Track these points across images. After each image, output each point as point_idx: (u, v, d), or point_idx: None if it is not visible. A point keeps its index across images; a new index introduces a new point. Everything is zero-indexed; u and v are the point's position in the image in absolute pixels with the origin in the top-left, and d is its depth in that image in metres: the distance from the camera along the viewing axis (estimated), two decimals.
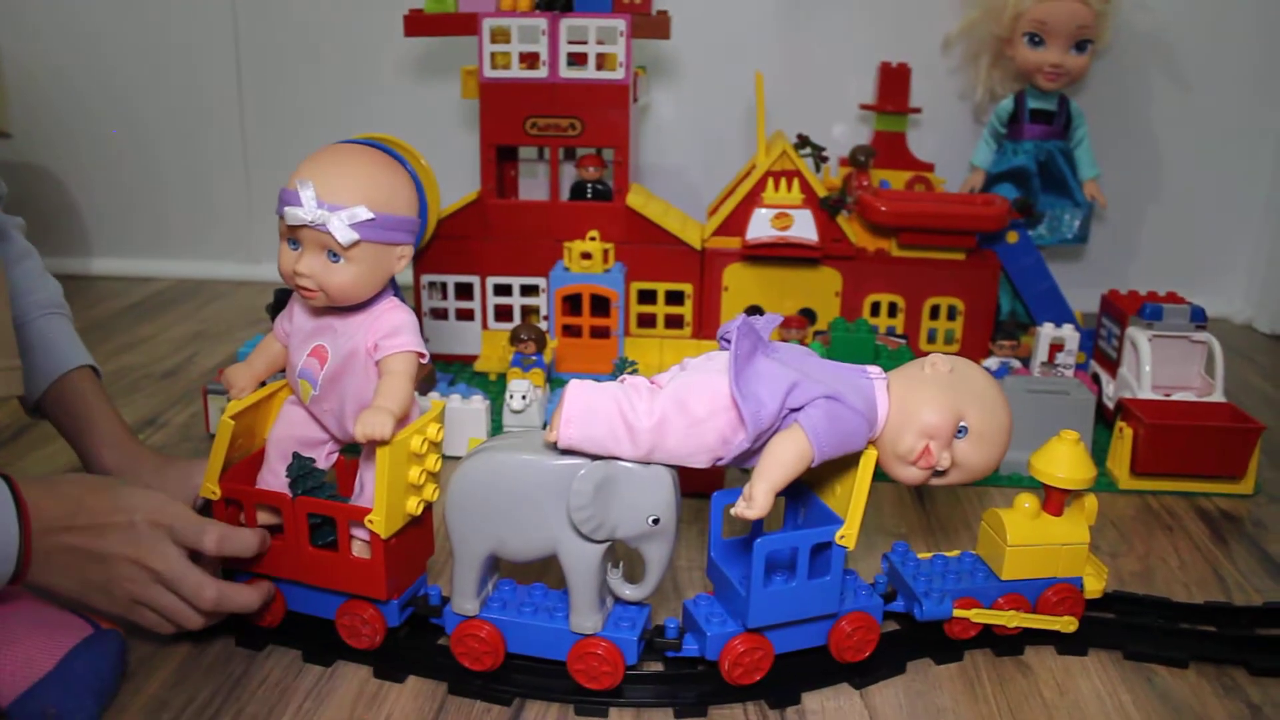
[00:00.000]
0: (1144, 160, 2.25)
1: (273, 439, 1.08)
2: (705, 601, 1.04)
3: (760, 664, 1.01)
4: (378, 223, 0.96)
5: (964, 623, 1.08)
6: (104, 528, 0.95)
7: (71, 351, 1.23)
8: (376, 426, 0.92)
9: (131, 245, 2.45)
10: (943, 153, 2.15)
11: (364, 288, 0.99)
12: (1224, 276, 2.32)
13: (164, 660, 1.05)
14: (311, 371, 1.02)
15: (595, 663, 0.99)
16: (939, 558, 1.13)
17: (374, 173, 0.99)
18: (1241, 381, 1.91)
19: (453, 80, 1.92)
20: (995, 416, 0.98)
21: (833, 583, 0.99)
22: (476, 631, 1.01)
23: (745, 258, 1.79)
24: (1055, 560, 1.08)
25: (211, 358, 1.91)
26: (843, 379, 0.96)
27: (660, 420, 0.93)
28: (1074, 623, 1.09)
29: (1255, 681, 1.06)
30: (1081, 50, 1.95)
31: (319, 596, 1.06)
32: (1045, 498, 1.09)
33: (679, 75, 2.24)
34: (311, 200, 0.94)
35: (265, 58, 2.31)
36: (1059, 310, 1.88)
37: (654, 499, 0.95)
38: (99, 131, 2.37)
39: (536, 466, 0.95)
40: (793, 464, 0.92)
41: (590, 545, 0.96)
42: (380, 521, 0.97)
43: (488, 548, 0.98)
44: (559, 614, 1.01)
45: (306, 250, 0.97)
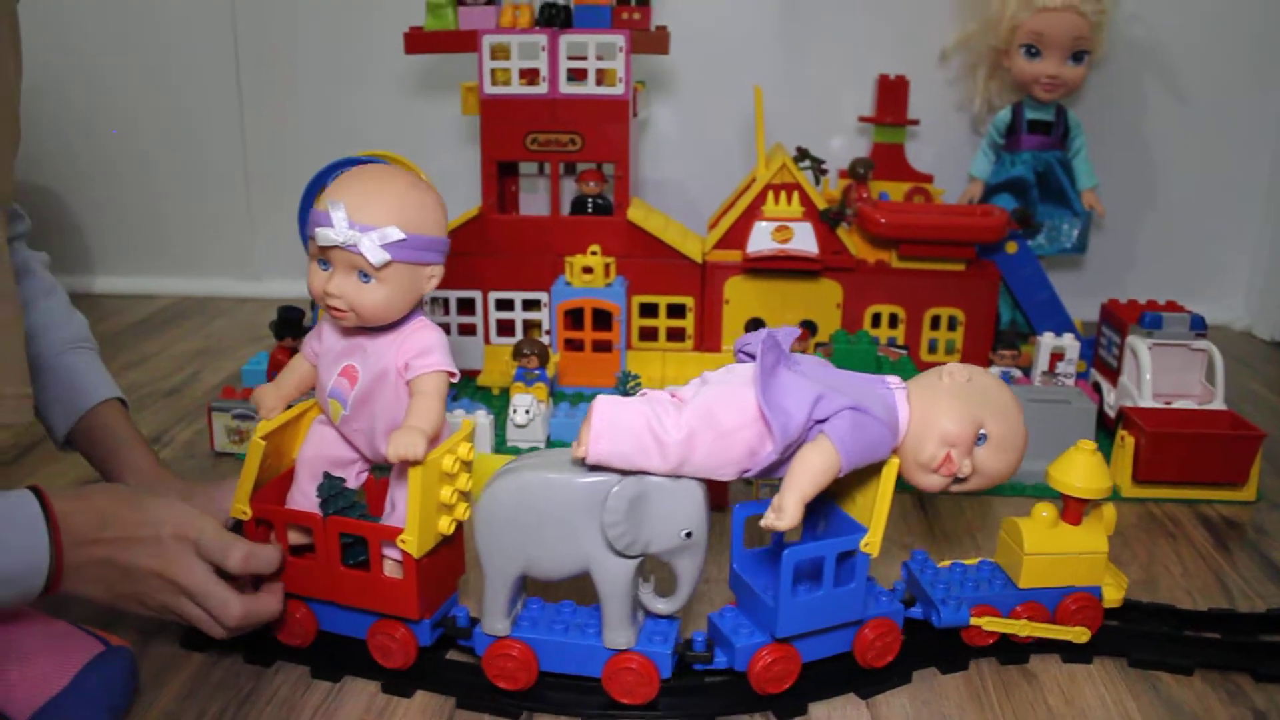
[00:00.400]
0: (1141, 169, 2.26)
1: (302, 459, 1.08)
2: (731, 613, 1.05)
3: (789, 673, 1.02)
4: (409, 243, 0.97)
5: (981, 630, 1.09)
6: (131, 541, 0.95)
7: (98, 385, 1.24)
8: (409, 447, 0.93)
9: (134, 263, 2.46)
10: (941, 164, 2.16)
11: (395, 308, 0.99)
12: (1223, 284, 2.33)
13: (173, 675, 1.05)
14: (342, 391, 1.02)
15: (631, 678, 1.00)
16: (957, 566, 1.14)
17: (404, 193, 0.99)
18: (1242, 389, 1.92)
19: (453, 96, 1.93)
20: (1013, 424, 1.00)
21: (857, 590, 1.01)
22: (509, 651, 1.01)
23: (746, 270, 1.79)
24: (1073, 569, 1.09)
25: (215, 375, 1.91)
26: (864, 390, 0.98)
27: (689, 434, 0.94)
28: (1086, 633, 1.09)
29: (1260, 688, 1.06)
30: (1078, 61, 1.97)
31: (350, 616, 1.05)
32: (1063, 507, 1.10)
33: (678, 90, 2.25)
34: (343, 221, 0.95)
35: (266, 75, 2.32)
36: (1059, 319, 1.88)
37: (686, 512, 0.96)
38: (100, 149, 2.38)
39: (567, 485, 0.95)
40: (822, 474, 0.93)
41: (623, 561, 0.96)
42: (413, 541, 0.97)
43: (518, 568, 0.98)
44: (591, 630, 1.01)
45: (337, 271, 0.97)
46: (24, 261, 1.23)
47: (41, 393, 1.20)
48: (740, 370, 0.99)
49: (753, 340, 1.00)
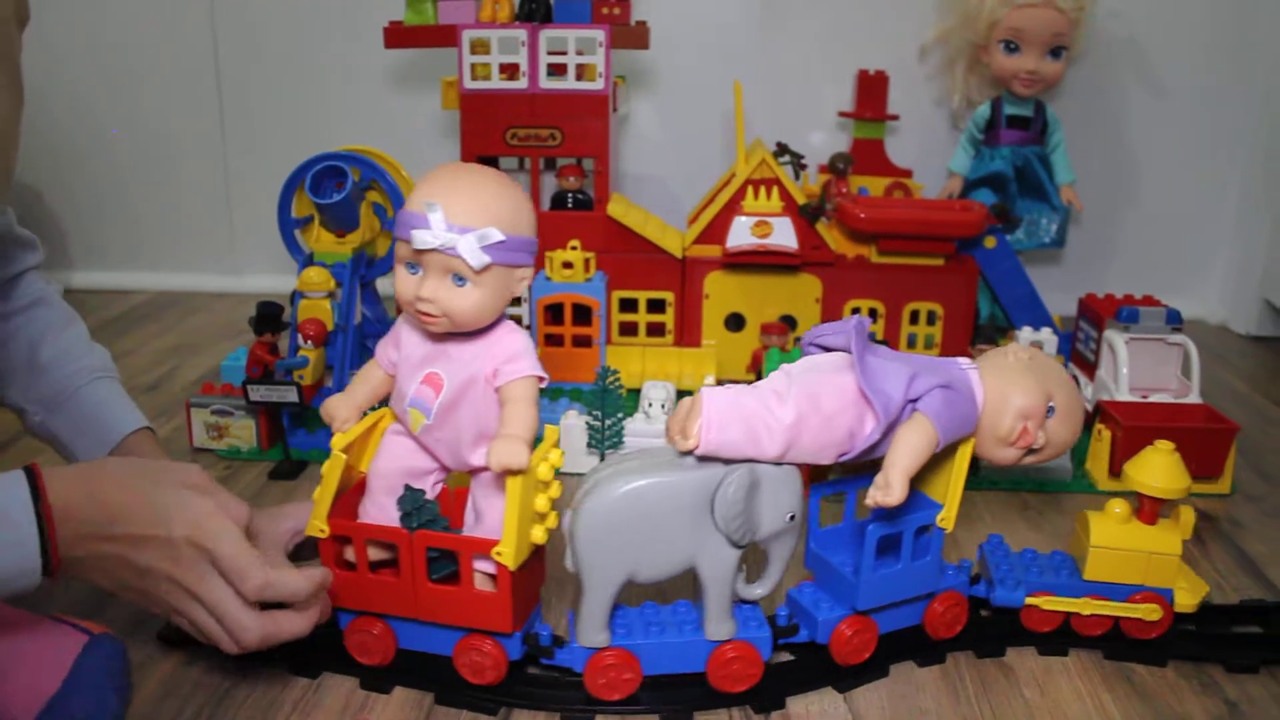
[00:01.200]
0: (1119, 165, 2.27)
1: (376, 471, 1.04)
2: (810, 588, 1.09)
3: (868, 644, 1.06)
4: (507, 244, 0.94)
5: (1041, 615, 1.11)
6: (141, 540, 0.90)
7: (127, 415, 1.20)
8: (513, 456, 0.90)
9: (111, 258, 2.45)
10: (921, 159, 2.17)
11: (489, 312, 0.96)
12: (1199, 279, 2.35)
13: (151, 672, 1.05)
14: (425, 400, 0.98)
15: (737, 666, 1.01)
16: (1029, 552, 1.17)
17: (500, 193, 0.96)
18: (1218, 382, 1.93)
19: (433, 91, 1.93)
20: (1074, 395, 1.06)
21: (932, 564, 1.06)
22: (614, 660, 1.00)
23: (726, 265, 1.80)
24: (1143, 567, 1.09)
25: (193, 371, 1.91)
26: (946, 370, 1.02)
27: (797, 419, 0.96)
28: (1157, 611, 1.10)
29: (1232, 679, 1.08)
30: (1057, 57, 1.97)
31: (432, 632, 1.02)
32: (1139, 506, 1.10)
33: (658, 85, 2.25)
34: (440, 222, 0.91)
35: (245, 70, 2.31)
36: (1037, 314, 1.89)
37: (791, 496, 0.98)
38: (77, 144, 2.36)
39: (678, 484, 0.95)
40: (923, 450, 0.97)
41: (731, 551, 0.97)
42: (509, 553, 0.94)
43: (625, 575, 0.97)
44: (687, 627, 1.02)
45: (429, 274, 0.94)
46: (41, 292, 1.21)
47: (67, 425, 1.18)
48: (820, 360, 1.03)
49: (826, 331, 1.05)
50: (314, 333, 1.53)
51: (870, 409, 0.97)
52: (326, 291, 1.57)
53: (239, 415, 1.56)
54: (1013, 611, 1.13)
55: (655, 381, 1.58)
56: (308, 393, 1.51)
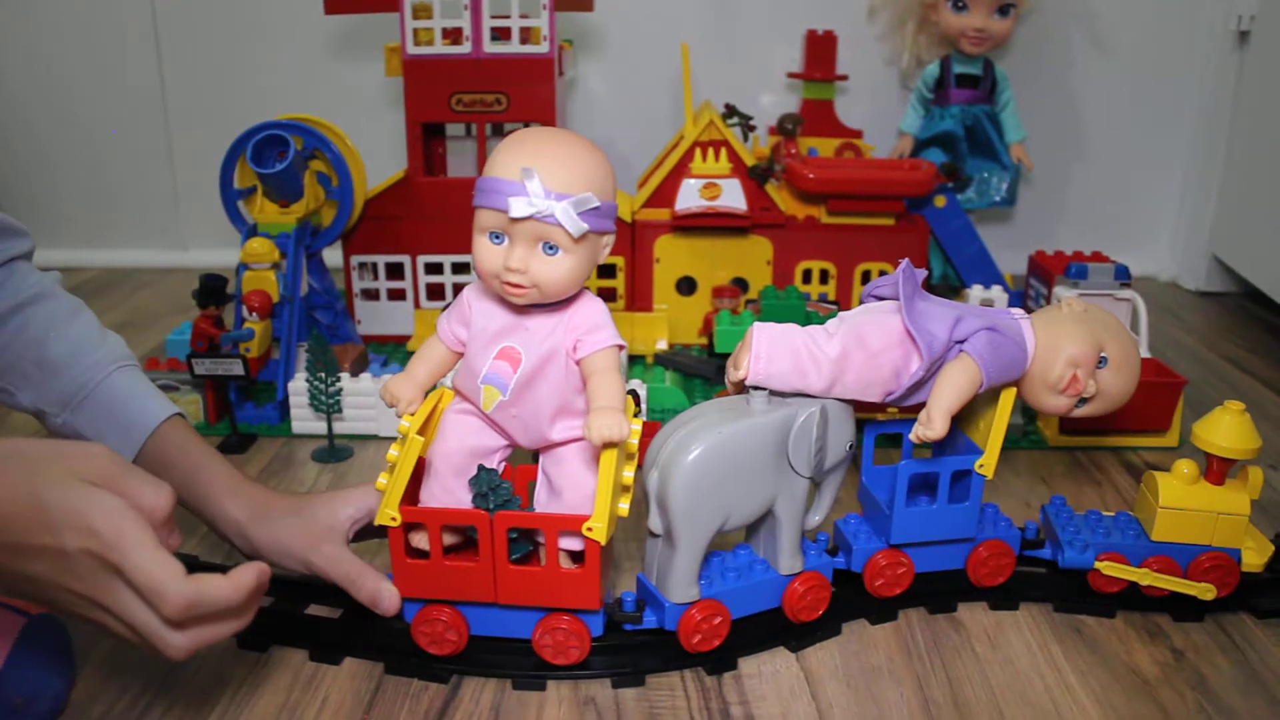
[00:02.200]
0: (1068, 123, 2.28)
1: (441, 452, 0.99)
2: (855, 520, 1.13)
3: (901, 579, 1.10)
4: (602, 210, 0.91)
5: (1108, 577, 1.11)
6: (29, 550, 0.76)
7: (153, 405, 1.12)
8: (614, 428, 0.87)
9: (54, 234, 2.40)
10: (871, 119, 2.16)
11: (578, 281, 0.93)
12: (1149, 235, 2.36)
13: (93, 651, 1.03)
14: (501, 376, 0.95)
15: (811, 595, 1.05)
16: (1093, 513, 1.17)
17: (592, 157, 0.92)
18: (1167, 337, 1.95)
19: (376, 58, 1.90)
20: (1130, 348, 1.06)
21: (971, 508, 1.07)
22: (708, 612, 1.00)
23: (676, 229, 1.78)
24: (1211, 527, 1.09)
25: (140, 347, 1.88)
26: (994, 316, 1.05)
27: (843, 353, 1.00)
28: (1212, 590, 1.09)
29: (1178, 627, 1.09)
30: (1005, 14, 1.97)
31: (508, 615, 0.99)
32: (1206, 466, 1.10)
33: (606, 48, 2.23)
34: (538, 189, 0.87)
35: (185, 38, 2.27)
36: (988, 272, 1.90)
37: (850, 427, 1.03)
38: (17, 119, 2.32)
39: (754, 429, 0.98)
40: (966, 388, 0.99)
41: (804, 485, 1.01)
42: (601, 528, 0.90)
43: (716, 527, 0.98)
44: (758, 566, 1.05)
45: (517, 243, 0.90)
46: (37, 285, 1.11)
47: (91, 424, 1.09)
48: (876, 306, 1.06)
49: (883, 283, 1.06)
50: (259, 305, 1.51)
51: (915, 348, 1.00)
52: (271, 263, 1.54)
53: (185, 389, 1.54)
54: (1080, 573, 1.12)
55: None
56: (254, 365, 1.49)
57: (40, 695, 0.92)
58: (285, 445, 1.51)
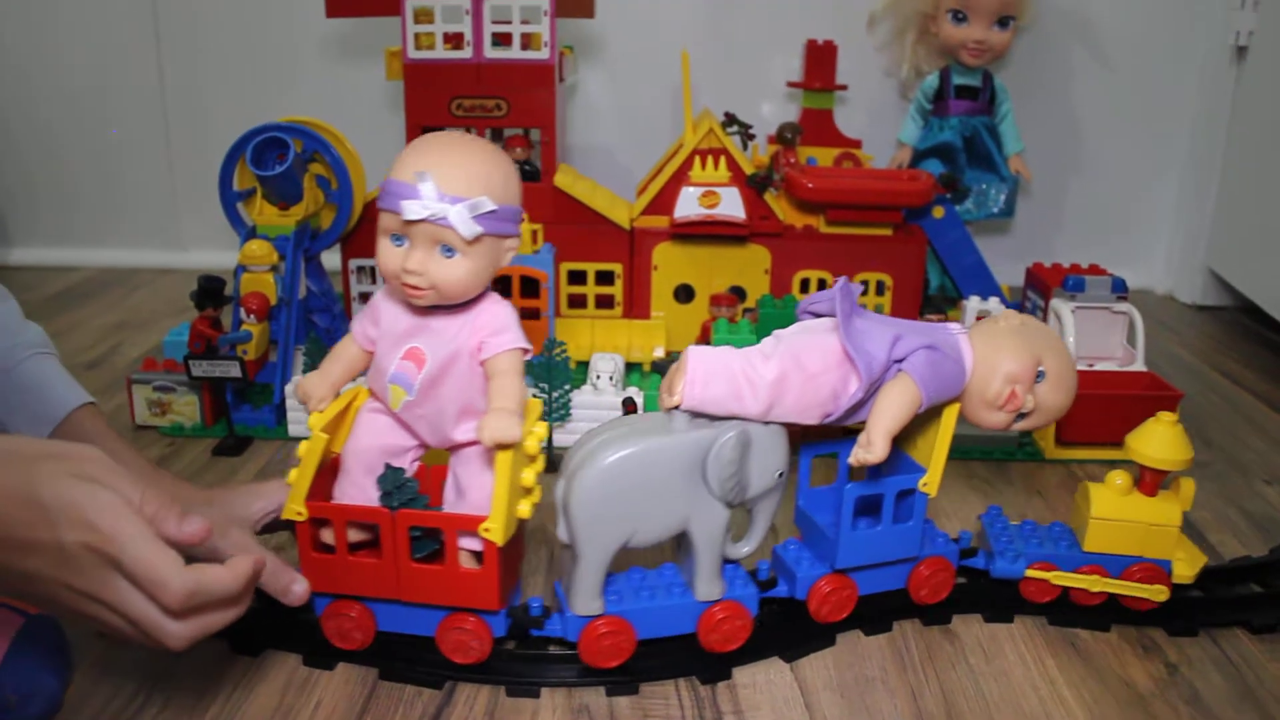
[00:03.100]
0: (1067, 135, 2.28)
1: (352, 450, 1.01)
2: (794, 546, 1.11)
3: (846, 603, 1.07)
4: (499, 214, 0.92)
5: (1041, 585, 1.11)
6: (26, 546, 0.77)
7: (69, 392, 1.14)
8: (506, 430, 0.88)
9: (52, 234, 2.41)
10: (870, 129, 2.16)
11: (478, 283, 0.94)
12: (1146, 249, 2.37)
13: (88, 652, 1.03)
14: (407, 375, 0.96)
15: (728, 626, 1.02)
16: (1028, 524, 1.17)
17: (488, 161, 0.93)
18: (1163, 351, 1.95)
19: (376, 62, 1.90)
20: (1066, 361, 1.06)
21: (914, 528, 1.06)
22: (609, 628, 1.00)
23: (674, 237, 1.78)
24: (1142, 539, 1.10)
25: (135, 348, 1.88)
26: (933, 333, 1.03)
27: (779, 376, 0.97)
28: (1164, 592, 1.10)
29: (1173, 642, 1.09)
30: (1004, 27, 1.97)
31: (414, 613, 1.00)
32: (1139, 477, 1.11)
33: (606, 55, 2.23)
34: (432, 192, 0.89)
35: (187, 41, 2.27)
36: (985, 283, 1.90)
37: (780, 455, 1.00)
38: (15, 119, 2.32)
39: (669, 448, 0.96)
40: (906, 409, 0.98)
41: (723, 511, 0.99)
42: (497, 529, 0.92)
43: (621, 541, 0.97)
44: (676, 589, 1.03)
45: (416, 245, 0.91)
46: None
47: (3, 405, 1.11)
48: (812, 324, 1.04)
49: (819, 298, 1.05)
50: (257, 307, 1.51)
51: (854, 369, 0.98)
52: (269, 265, 1.54)
53: (182, 391, 1.54)
54: (1012, 583, 1.13)
55: (604, 354, 1.57)
56: (251, 368, 1.49)
57: (35, 694, 0.92)
58: (282, 448, 1.51)
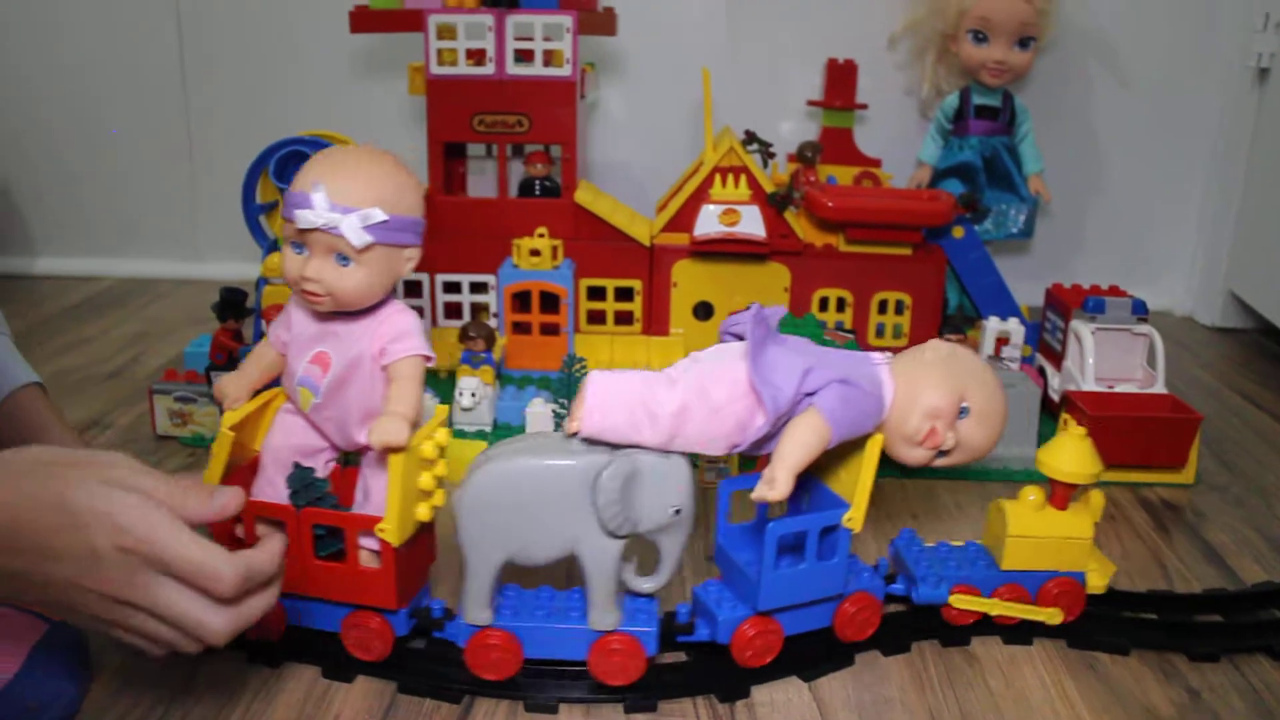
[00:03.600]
0: (1087, 156, 2.28)
1: (269, 449, 1.04)
2: (715, 586, 1.06)
3: (771, 646, 1.03)
4: (390, 224, 0.94)
5: (961, 610, 1.10)
6: (54, 554, 0.76)
7: (16, 369, 1.17)
8: (392, 433, 0.91)
9: (74, 244, 2.42)
10: (889, 148, 2.16)
11: (374, 291, 0.97)
12: (1166, 270, 2.36)
13: (105, 663, 1.03)
14: (313, 379, 0.99)
15: (619, 658, 1.00)
16: (943, 545, 1.16)
17: (384, 174, 0.97)
18: (1183, 373, 1.94)
19: (399, 76, 1.91)
20: (994, 397, 1.02)
21: (839, 565, 1.02)
22: (493, 641, 1.00)
23: (694, 254, 1.79)
24: (1057, 553, 1.10)
25: (156, 358, 1.89)
26: (850, 364, 0.99)
27: (681, 407, 0.94)
28: (1059, 614, 1.10)
29: (1195, 668, 1.08)
30: (1025, 47, 1.97)
31: (322, 609, 1.02)
32: (1050, 491, 1.10)
33: (627, 72, 2.24)
34: (323, 202, 0.92)
35: (210, 54, 2.28)
36: (1005, 304, 1.89)
37: (675, 490, 0.96)
38: (40, 129, 2.33)
39: (557, 469, 0.95)
40: (811, 445, 0.95)
41: (612, 541, 0.96)
42: (392, 530, 0.95)
43: (504, 555, 0.97)
44: (574, 614, 1.01)
45: (314, 254, 0.95)
46: None
47: None
48: (731, 349, 1.00)
49: (740, 320, 1.02)
50: None
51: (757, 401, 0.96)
52: None
53: (202, 402, 1.54)
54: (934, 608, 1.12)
55: None
56: None
57: (54, 702, 0.92)
58: None
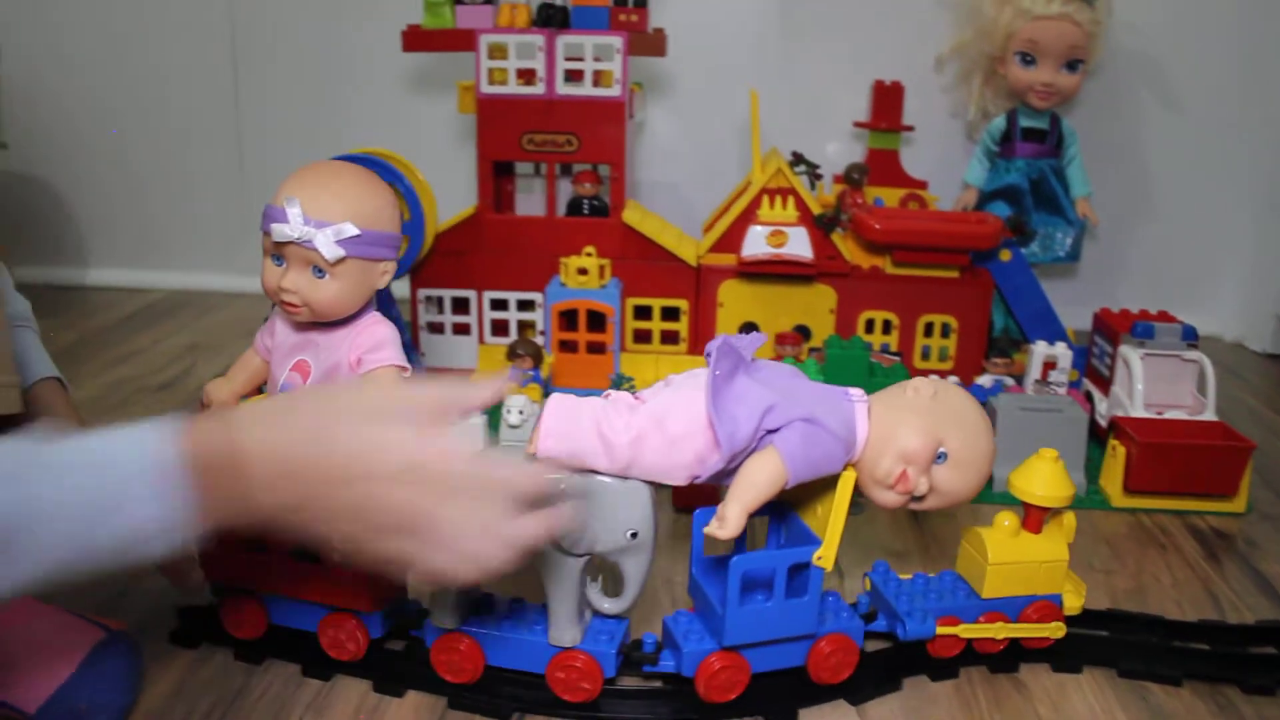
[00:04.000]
0: (1135, 179, 2.27)
1: None
2: (685, 618, 1.04)
3: (735, 682, 1.00)
4: (363, 239, 0.99)
5: (948, 640, 1.09)
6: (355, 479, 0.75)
7: (40, 363, 1.17)
8: None
9: (126, 256, 2.45)
10: (935, 170, 2.16)
11: (348, 303, 1.02)
12: (1215, 295, 2.33)
13: (162, 672, 1.05)
14: (294, 386, 1.04)
15: (574, 675, 1.00)
16: (920, 577, 1.13)
17: (359, 189, 1.01)
18: (1233, 400, 1.92)
19: (450, 95, 1.93)
20: (977, 442, 0.98)
21: (810, 603, 0.98)
22: (456, 644, 1.02)
23: (740, 274, 1.79)
24: (1035, 577, 1.09)
25: (208, 369, 1.91)
26: (823, 401, 0.96)
27: (637, 436, 0.93)
28: (1062, 628, 1.09)
29: (1249, 700, 1.07)
30: (1073, 70, 1.97)
31: (301, 609, 1.06)
32: (1025, 515, 1.09)
33: (675, 92, 2.25)
34: (298, 217, 0.97)
35: (263, 70, 2.32)
36: (1052, 328, 1.89)
37: (631, 513, 0.95)
38: (95, 142, 2.37)
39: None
40: (766, 486, 0.92)
41: (569, 559, 0.96)
42: None
43: None
44: (538, 627, 1.01)
45: (291, 266, 1.00)
46: None
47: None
48: (705, 375, 0.97)
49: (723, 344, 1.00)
50: None
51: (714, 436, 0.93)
52: None
53: None
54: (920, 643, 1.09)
55: None
56: None
57: (105, 707, 0.94)
58: None
